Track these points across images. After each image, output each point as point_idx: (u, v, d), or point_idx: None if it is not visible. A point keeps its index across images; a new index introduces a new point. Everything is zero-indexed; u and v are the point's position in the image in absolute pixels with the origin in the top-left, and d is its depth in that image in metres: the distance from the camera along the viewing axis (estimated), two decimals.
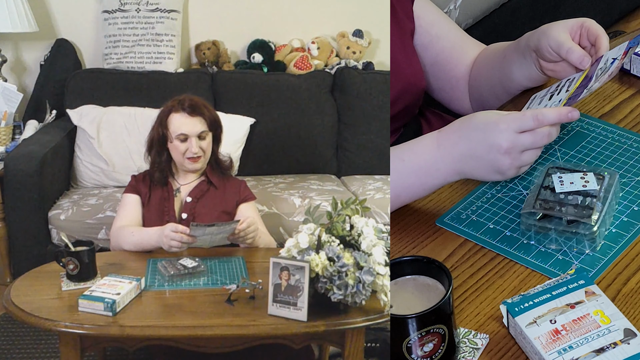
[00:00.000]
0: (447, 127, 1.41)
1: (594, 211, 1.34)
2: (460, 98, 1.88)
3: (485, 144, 1.34)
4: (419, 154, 1.41)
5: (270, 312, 1.47)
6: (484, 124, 1.35)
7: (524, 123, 1.32)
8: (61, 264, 1.65)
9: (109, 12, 3.04)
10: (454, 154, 1.37)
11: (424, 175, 1.40)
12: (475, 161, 1.36)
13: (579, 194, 1.37)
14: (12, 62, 3.02)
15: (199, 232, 1.76)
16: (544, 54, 1.56)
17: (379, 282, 1.44)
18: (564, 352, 1.12)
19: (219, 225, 1.79)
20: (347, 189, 2.79)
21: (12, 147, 2.63)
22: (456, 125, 1.40)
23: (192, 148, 1.95)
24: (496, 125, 1.33)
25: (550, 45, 1.54)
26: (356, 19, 3.18)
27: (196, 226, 1.75)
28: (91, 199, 2.61)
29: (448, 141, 1.38)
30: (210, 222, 1.79)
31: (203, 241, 1.79)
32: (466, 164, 1.37)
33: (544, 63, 1.60)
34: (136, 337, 1.48)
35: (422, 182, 1.41)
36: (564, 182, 1.39)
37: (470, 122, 1.38)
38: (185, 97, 2.00)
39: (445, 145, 1.38)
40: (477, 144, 1.35)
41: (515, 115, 1.34)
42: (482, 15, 2.64)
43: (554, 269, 1.32)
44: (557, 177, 1.39)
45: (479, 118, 1.37)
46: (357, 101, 3.02)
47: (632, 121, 1.65)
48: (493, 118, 1.35)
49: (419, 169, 1.40)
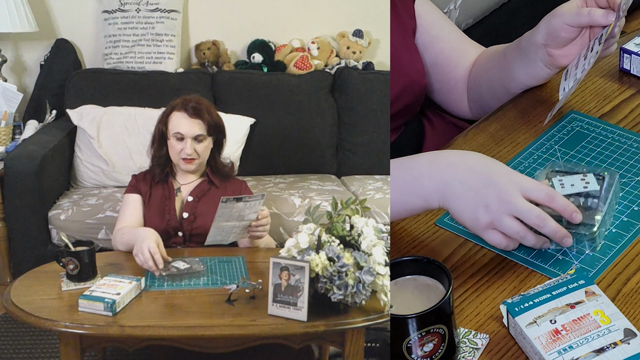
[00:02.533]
0: (448, 150, 1.35)
1: (596, 211, 1.34)
2: (458, 100, 1.88)
3: (488, 178, 1.26)
4: (408, 168, 1.34)
5: (270, 312, 1.47)
6: (494, 162, 1.30)
7: (537, 190, 1.26)
8: (61, 264, 1.65)
9: (109, 12, 3.04)
10: (445, 175, 1.29)
11: (407, 193, 1.33)
12: (462, 189, 1.28)
13: (580, 196, 1.37)
14: (12, 62, 3.02)
15: (228, 210, 1.74)
16: (559, 36, 1.56)
17: (379, 282, 1.44)
18: (564, 352, 1.12)
19: (246, 200, 1.77)
20: (347, 189, 2.79)
21: (12, 147, 2.63)
22: (459, 152, 1.34)
23: (186, 149, 1.95)
24: (508, 173, 1.27)
25: (566, 22, 1.54)
26: (356, 19, 3.18)
27: (225, 201, 1.74)
28: (91, 199, 2.61)
29: (444, 161, 1.31)
30: (211, 223, 1.80)
31: (223, 231, 1.78)
32: (452, 188, 1.29)
33: (556, 51, 1.59)
34: (136, 337, 1.49)
35: (405, 200, 1.34)
36: (565, 184, 1.38)
37: (480, 156, 1.32)
38: (192, 98, 2.00)
39: (439, 163, 1.31)
40: (479, 175, 1.27)
41: (530, 179, 1.28)
42: (482, 16, 2.65)
43: (554, 269, 1.32)
44: (558, 181, 1.39)
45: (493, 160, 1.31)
46: (357, 101, 3.02)
47: (632, 121, 1.65)
48: (508, 168, 1.29)
49: (403, 183, 1.33)
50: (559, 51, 1.59)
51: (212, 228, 1.80)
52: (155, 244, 1.69)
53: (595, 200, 1.35)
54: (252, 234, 1.86)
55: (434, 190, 1.30)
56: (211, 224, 1.80)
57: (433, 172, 1.30)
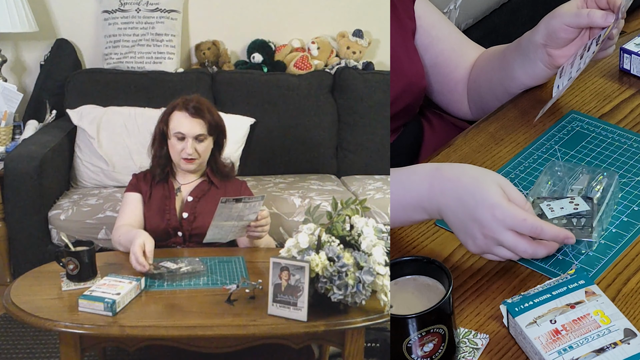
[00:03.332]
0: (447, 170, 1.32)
1: (594, 229, 1.34)
2: (458, 101, 1.88)
3: (471, 213, 1.25)
4: (409, 189, 1.34)
5: (270, 312, 1.47)
6: (481, 196, 1.25)
7: (521, 227, 1.23)
8: (61, 264, 1.65)
9: (109, 12, 3.04)
10: (441, 201, 1.30)
11: (410, 211, 1.35)
12: (453, 217, 1.29)
13: (572, 217, 1.36)
14: (12, 62, 3.02)
15: (227, 211, 1.74)
16: (558, 36, 1.56)
17: (379, 282, 1.44)
18: (564, 352, 1.12)
19: (245, 201, 1.77)
20: (347, 189, 2.79)
21: (12, 147, 2.63)
22: (456, 172, 1.31)
23: (187, 149, 1.95)
24: (491, 208, 1.23)
25: (566, 23, 1.54)
26: (356, 19, 3.18)
27: (225, 202, 1.74)
28: (91, 199, 2.61)
29: (439, 187, 1.31)
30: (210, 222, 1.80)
31: (222, 230, 1.78)
32: (447, 216, 1.30)
33: (555, 52, 1.59)
34: (136, 337, 1.49)
35: (408, 215, 1.36)
36: (554, 208, 1.37)
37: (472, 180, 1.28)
38: (193, 98, 2.00)
39: (436, 190, 1.31)
40: (464, 208, 1.26)
41: (515, 213, 1.23)
42: (482, 16, 2.65)
43: (554, 269, 1.32)
44: (546, 206, 1.37)
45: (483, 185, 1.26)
46: (357, 101, 3.01)
47: (632, 121, 1.65)
48: (494, 199, 1.24)
49: (405, 204, 1.34)
50: (558, 51, 1.59)
51: (210, 227, 1.80)
52: (139, 247, 1.69)
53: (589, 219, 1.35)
54: (250, 234, 1.86)
55: (435, 212, 1.32)
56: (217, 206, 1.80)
57: (431, 197, 1.31)
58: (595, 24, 1.52)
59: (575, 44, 1.58)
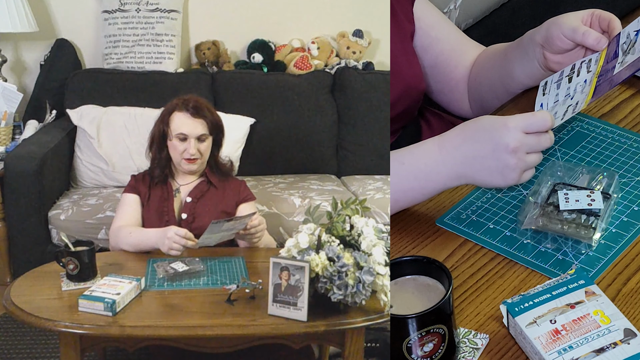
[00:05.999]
0: (450, 131, 1.39)
1: (595, 231, 1.34)
2: (459, 100, 1.88)
3: (491, 142, 1.33)
4: (420, 157, 1.39)
5: (270, 312, 1.47)
6: (490, 124, 1.34)
7: (532, 126, 1.32)
8: (61, 264, 1.65)
9: (109, 12, 3.04)
10: (457, 156, 1.36)
11: (424, 179, 1.39)
12: (479, 162, 1.35)
13: (583, 213, 1.36)
14: (12, 62, 3.02)
15: (217, 228, 1.75)
16: (554, 43, 1.54)
17: (379, 282, 1.44)
18: (564, 352, 1.12)
19: (236, 220, 1.79)
20: (347, 189, 2.79)
21: (12, 147, 2.63)
22: (459, 128, 1.39)
23: (190, 149, 1.95)
24: (504, 124, 1.32)
25: (563, 33, 1.52)
26: (356, 19, 3.18)
27: (216, 223, 1.75)
28: (91, 199, 2.61)
29: (450, 144, 1.37)
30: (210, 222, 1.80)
31: (212, 239, 1.78)
32: (469, 166, 1.36)
33: (550, 56, 1.57)
34: (136, 337, 1.49)
35: (422, 186, 1.40)
36: (569, 199, 1.38)
37: (476, 123, 1.37)
38: (191, 98, 2.00)
39: (448, 148, 1.37)
40: (483, 144, 1.33)
41: (522, 115, 1.33)
42: (482, 15, 2.65)
43: (554, 269, 1.32)
44: (563, 194, 1.38)
45: (485, 119, 1.36)
46: (357, 101, 3.02)
47: (632, 121, 1.65)
48: (500, 119, 1.34)
49: (418, 172, 1.39)
50: (553, 56, 1.58)
51: (201, 238, 1.79)
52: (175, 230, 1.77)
53: (596, 219, 1.35)
54: (241, 240, 1.87)
55: (453, 173, 1.37)
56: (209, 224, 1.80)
57: (445, 157, 1.36)
58: (587, 44, 1.48)
59: (570, 55, 1.55)
